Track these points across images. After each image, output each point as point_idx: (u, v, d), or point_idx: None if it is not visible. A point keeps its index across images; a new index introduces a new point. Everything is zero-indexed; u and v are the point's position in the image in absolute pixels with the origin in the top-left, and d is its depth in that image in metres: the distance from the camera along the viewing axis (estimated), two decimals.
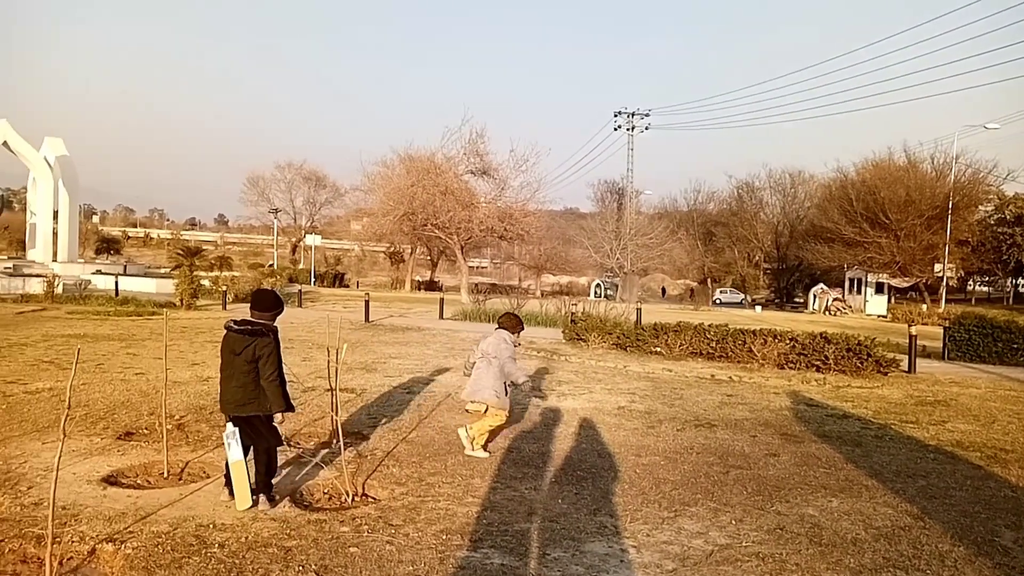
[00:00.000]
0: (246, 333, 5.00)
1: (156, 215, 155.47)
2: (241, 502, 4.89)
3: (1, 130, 34.44)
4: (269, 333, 5.09)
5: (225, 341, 5.08)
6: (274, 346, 5.08)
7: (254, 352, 4.96)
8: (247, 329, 5.02)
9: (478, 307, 23.86)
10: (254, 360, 4.97)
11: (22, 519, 4.52)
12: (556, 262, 58.70)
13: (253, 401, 5.01)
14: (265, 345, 5.00)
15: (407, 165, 42.63)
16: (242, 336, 4.99)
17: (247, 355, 4.95)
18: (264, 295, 5.39)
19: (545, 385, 10.61)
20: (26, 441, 6.43)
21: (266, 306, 5.21)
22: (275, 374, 5.02)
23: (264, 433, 5.12)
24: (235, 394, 5.00)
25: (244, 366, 4.96)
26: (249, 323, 5.08)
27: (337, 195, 71.77)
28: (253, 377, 4.98)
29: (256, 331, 5.03)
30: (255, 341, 4.99)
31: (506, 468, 6.17)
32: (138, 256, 78.60)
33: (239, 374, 4.98)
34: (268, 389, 5.00)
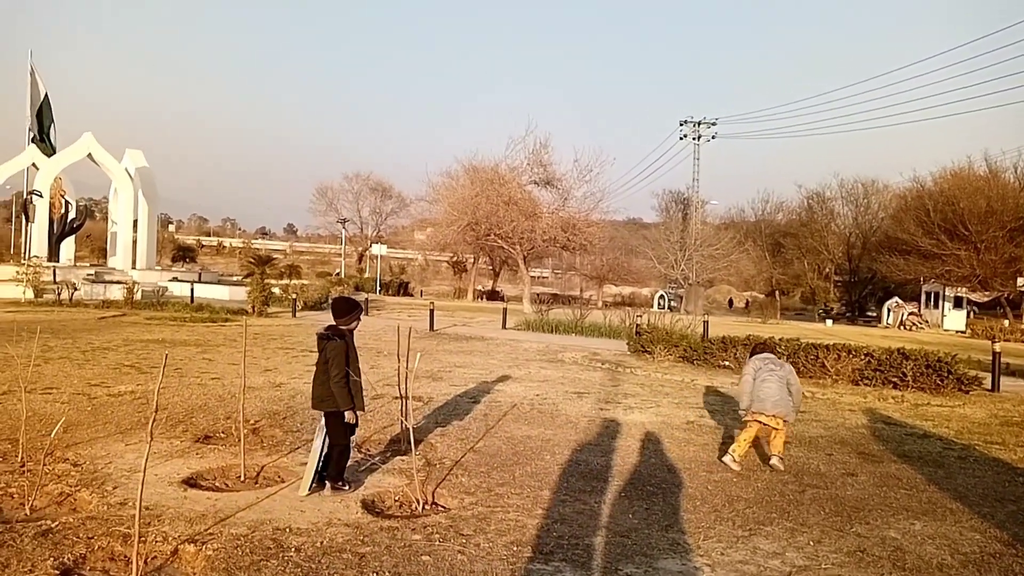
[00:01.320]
0: (323, 337, 5.58)
1: (228, 224, 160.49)
2: (302, 488, 5.42)
3: (86, 143, 36.13)
4: (337, 337, 5.55)
5: (317, 344, 5.71)
6: (342, 349, 5.50)
7: (327, 354, 5.51)
8: (324, 334, 5.58)
9: (541, 317, 23.83)
10: (326, 362, 5.49)
11: (109, 518, 4.70)
12: (618, 272, 58.30)
13: (328, 399, 5.48)
14: (333, 348, 5.49)
15: (471, 176, 43.00)
16: (321, 340, 5.60)
17: (322, 357, 5.56)
18: (338, 302, 5.90)
19: (611, 397, 10.52)
20: (110, 442, 6.69)
21: (341, 312, 5.73)
22: (340, 375, 5.43)
23: (332, 428, 5.54)
24: (315, 391, 5.60)
25: (321, 366, 5.56)
26: (329, 328, 5.61)
27: (402, 205, 73.03)
28: (327, 377, 5.48)
29: (327, 336, 5.55)
30: (327, 344, 5.54)
31: (574, 481, 6.13)
32: (211, 264, 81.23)
33: (319, 373, 5.58)
34: (334, 389, 5.44)
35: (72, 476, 5.55)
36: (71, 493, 5.16)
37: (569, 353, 16.07)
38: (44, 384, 9.23)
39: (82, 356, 12.07)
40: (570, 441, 7.61)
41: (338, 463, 5.57)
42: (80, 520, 4.62)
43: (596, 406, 9.71)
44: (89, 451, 6.31)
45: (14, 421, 7.04)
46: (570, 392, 10.79)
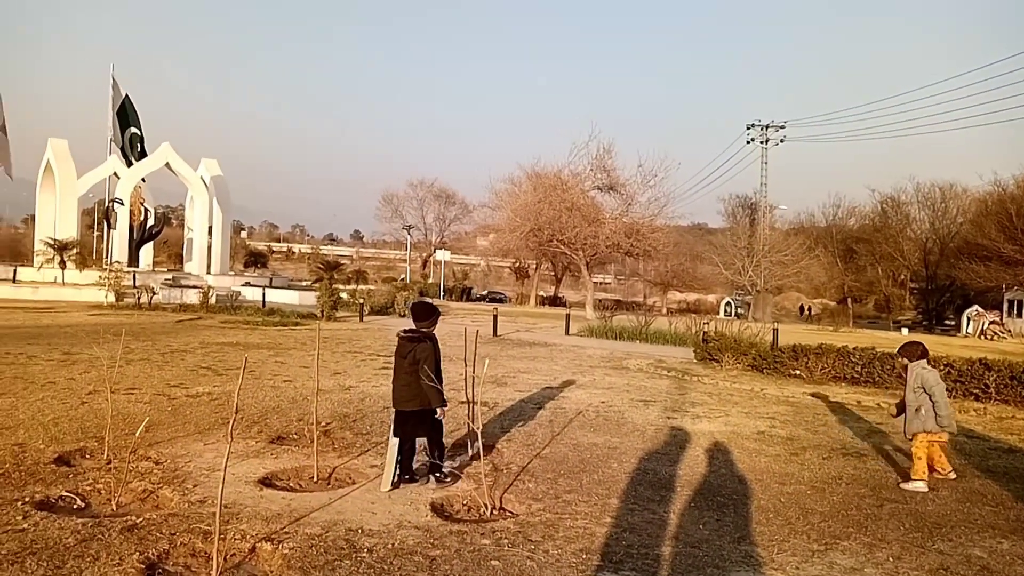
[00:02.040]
0: (409, 340, 5.88)
1: (297, 231, 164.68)
2: (384, 484, 5.69)
3: (164, 153, 37.60)
4: (427, 340, 5.89)
5: (397, 346, 5.98)
6: (431, 351, 5.84)
7: (414, 356, 5.78)
8: (410, 336, 5.90)
9: (604, 324, 23.68)
10: (415, 363, 5.75)
11: (190, 515, 4.86)
12: (683, 279, 57.55)
13: (415, 398, 5.79)
14: (423, 350, 5.80)
15: (534, 182, 43.02)
16: (407, 342, 5.88)
17: (409, 359, 5.79)
18: (419, 307, 6.20)
19: (678, 406, 10.38)
20: (190, 442, 6.92)
21: (422, 316, 6.04)
22: (434, 375, 5.75)
23: (426, 425, 5.90)
24: (401, 392, 5.83)
25: (407, 367, 5.80)
26: (413, 331, 5.94)
27: (465, 211, 73.54)
28: (415, 377, 5.75)
29: (417, 338, 5.88)
30: (415, 347, 5.83)
31: (642, 490, 6.07)
32: (281, 269, 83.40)
33: (404, 374, 5.82)
34: (427, 389, 5.74)
35: (154, 474, 5.76)
36: (154, 490, 5.37)
37: (634, 360, 15.93)
38: (127, 385, 9.62)
39: (161, 358, 12.53)
40: (637, 449, 7.53)
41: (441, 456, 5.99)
42: (163, 516, 4.80)
43: (663, 414, 9.60)
44: (170, 450, 6.54)
45: (100, 420, 7.37)
46: (636, 400, 10.69)
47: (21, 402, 8.24)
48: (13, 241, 65.71)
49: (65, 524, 4.54)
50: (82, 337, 15.03)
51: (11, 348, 12.72)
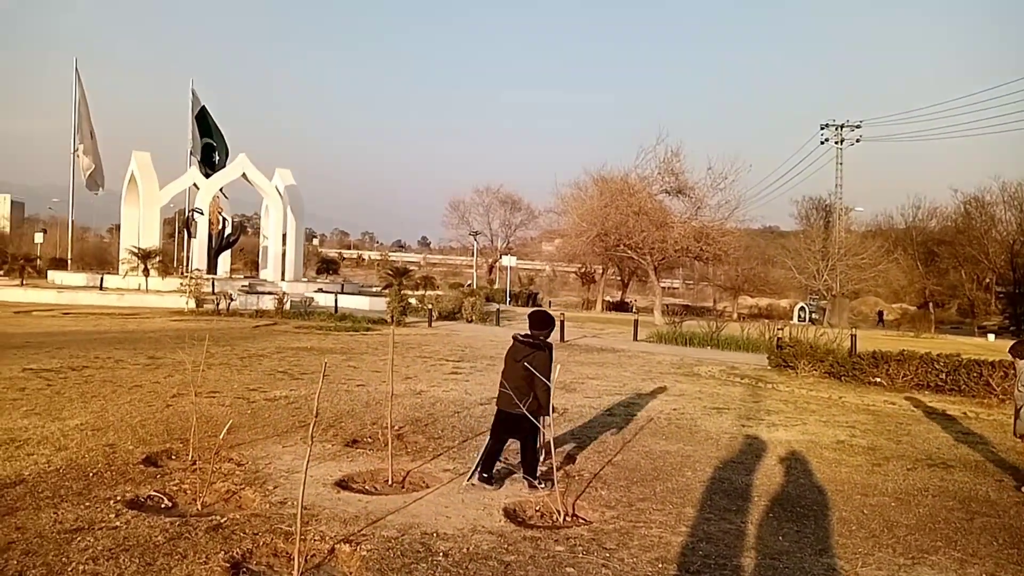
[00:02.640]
0: (528, 345, 5.95)
1: (367, 238, 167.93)
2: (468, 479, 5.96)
3: (240, 163, 38.81)
4: (546, 348, 5.97)
5: (511, 349, 6.06)
6: (547, 360, 5.90)
7: (533, 362, 5.82)
8: (529, 342, 5.96)
9: (674, 329, 23.36)
10: (529, 368, 5.77)
11: (271, 515, 4.99)
12: (755, 283, 56.31)
13: (531, 402, 5.78)
14: (541, 358, 5.87)
15: (600, 186, 42.86)
16: (524, 347, 5.94)
17: (523, 363, 5.83)
18: (539, 315, 6.24)
19: (752, 414, 10.15)
20: (269, 444, 7.12)
21: (541, 324, 6.10)
22: (546, 384, 5.80)
23: (527, 430, 5.87)
24: (510, 395, 5.83)
25: (521, 372, 5.84)
26: (532, 337, 6.01)
27: (531, 217, 73.76)
28: (527, 382, 5.79)
29: (536, 345, 5.95)
30: (533, 353, 5.89)
31: (718, 499, 5.95)
32: (352, 276, 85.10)
33: (515, 378, 5.86)
34: (540, 395, 5.79)
35: (237, 475, 5.94)
36: (236, 491, 5.53)
37: (705, 367, 15.66)
38: (208, 388, 9.95)
39: (240, 362, 12.93)
40: (711, 458, 7.39)
41: (531, 460, 5.99)
42: (246, 517, 4.94)
43: (737, 422, 9.40)
44: (250, 452, 6.74)
45: (184, 422, 7.64)
46: (709, 407, 10.50)
47: (110, 404, 8.61)
48: (100, 250, 68.92)
49: (154, 523, 4.72)
50: (165, 342, 15.64)
51: (100, 352, 13.32)
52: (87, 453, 6.38)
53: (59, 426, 7.35)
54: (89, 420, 7.70)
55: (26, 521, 4.65)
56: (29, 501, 5.04)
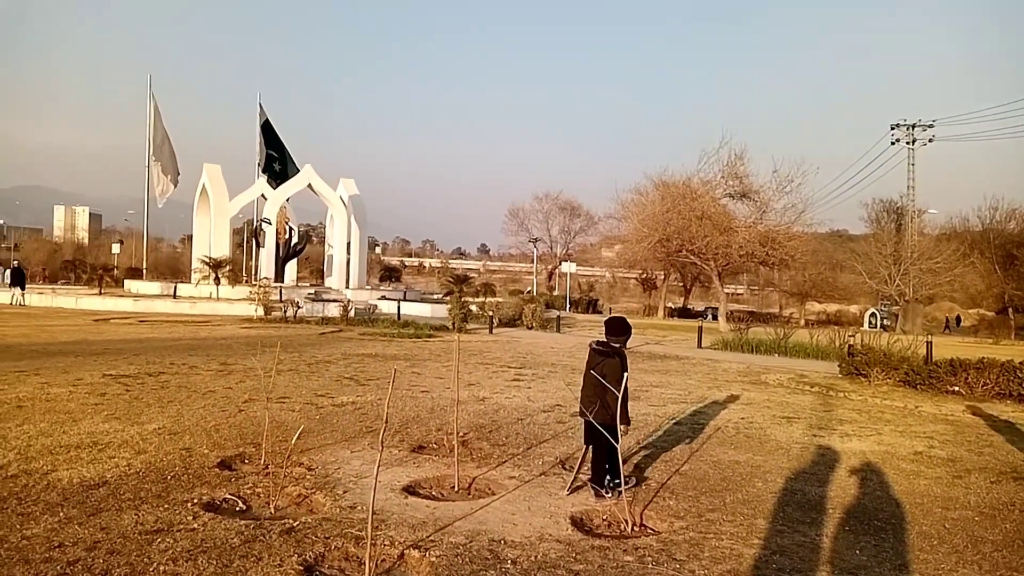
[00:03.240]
0: (600, 353, 6.02)
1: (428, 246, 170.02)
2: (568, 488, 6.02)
3: (306, 174, 39.75)
4: (617, 356, 6.00)
5: (589, 357, 6.15)
6: (619, 367, 5.91)
7: (602, 369, 5.90)
8: (601, 350, 6.04)
9: (739, 336, 22.90)
10: (602, 376, 5.86)
11: (342, 520, 5.07)
12: (822, 289, 54.82)
13: (599, 410, 5.83)
14: (610, 366, 5.93)
15: (661, 191, 42.38)
16: (597, 355, 6.03)
17: (598, 371, 5.92)
18: (615, 322, 6.28)
19: (824, 423, 9.86)
20: (337, 449, 7.23)
21: (617, 331, 6.15)
22: (620, 391, 5.77)
23: (602, 436, 5.79)
24: (586, 401, 6.01)
25: (592, 379, 5.98)
26: (605, 344, 6.08)
27: (591, 223, 73.45)
28: (600, 389, 5.87)
29: (607, 352, 6.01)
30: (604, 361, 5.97)
31: (790, 511, 5.79)
32: (413, 283, 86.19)
33: (590, 385, 6.01)
34: (609, 404, 5.81)
35: (308, 479, 6.06)
36: (308, 495, 5.63)
37: (773, 375, 15.30)
38: (278, 394, 10.18)
39: (308, 369, 13.20)
40: (782, 468, 7.21)
41: (600, 468, 5.95)
42: (317, 521, 5.02)
43: (808, 432, 9.14)
44: (320, 457, 6.86)
45: (256, 427, 7.83)
46: (778, 416, 10.24)
47: (186, 409, 8.89)
48: (173, 259, 71.48)
49: (230, 525, 4.84)
50: (236, 349, 16.09)
51: (175, 359, 13.78)
52: (165, 456, 6.60)
53: (138, 430, 7.62)
54: (166, 424, 7.96)
55: (110, 522, 4.82)
56: (112, 502, 5.23)
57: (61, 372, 11.51)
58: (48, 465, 6.16)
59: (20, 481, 5.67)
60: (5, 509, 5.00)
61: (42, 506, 5.10)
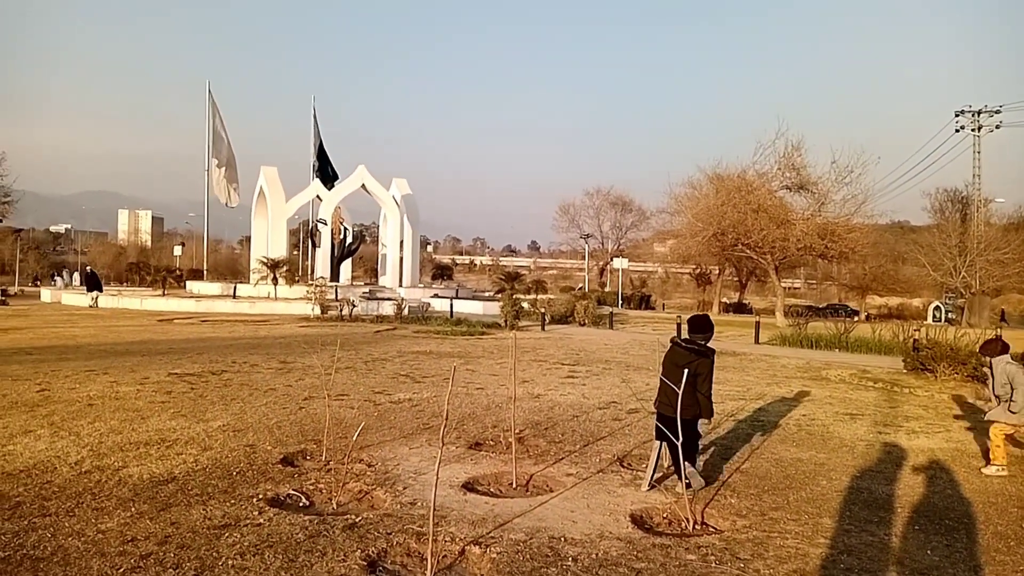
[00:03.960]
0: (691, 351, 5.96)
1: (478, 244, 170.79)
2: (644, 485, 6.00)
3: (360, 175, 40.31)
4: (710, 354, 6.01)
5: (670, 353, 6.13)
6: (710, 366, 5.99)
7: (696, 368, 5.86)
8: (693, 348, 5.98)
9: (798, 331, 22.41)
10: (694, 374, 5.82)
11: (403, 516, 5.12)
12: (883, 281, 53.29)
13: (689, 407, 5.79)
14: (705, 365, 5.95)
15: (716, 184, 41.70)
16: (688, 352, 5.97)
17: (690, 369, 5.81)
18: (701, 320, 6.21)
19: (889, 420, 9.59)
20: (396, 445, 7.31)
21: (703, 328, 6.09)
22: (710, 389, 5.99)
23: (688, 432, 5.77)
24: (672, 399, 5.74)
25: (682, 376, 5.79)
26: (694, 343, 6.02)
27: (643, 218, 72.83)
28: (690, 387, 5.77)
29: (700, 351, 5.97)
30: (698, 360, 5.92)
31: (857, 510, 5.64)
32: (465, 280, 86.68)
33: (678, 382, 5.77)
34: (702, 400, 5.91)
35: (368, 476, 6.14)
36: (368, 491, 5.71)
37: (834, 370, 14.93)
38: (337, 391, 10.34)
39: (364, 366, 13.39)
40: (847, 466, 7.03)
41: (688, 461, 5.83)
42: (378, 516, 5.09)
43: (873, 429, 8.90)
44: (379, 453, 6.95)
45: (316, 424, 7.98)
46: (841, 413, 9.99)
47: (248, 407, 9.10)
48: (232, 260, 73.37)
49: (294, 520, 4.93)
50: (295, 347, 16.41)
51: (237, 358, 14.12)
52: (230, 453, 6.76)
53: (203, 427, 7.83)
54: (230, 422, 8.16)
55: (179, 517, 4.96)
56: (181, 498, 5.38)
57: (129, 371, 11.90)
58: (119, 461, 6.37)
59: (93, 477, 5.87)
60: (81, 504, 5.19)
61: (115, 501, 5.27)
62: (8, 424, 7.76)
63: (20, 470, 6.03)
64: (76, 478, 5.83)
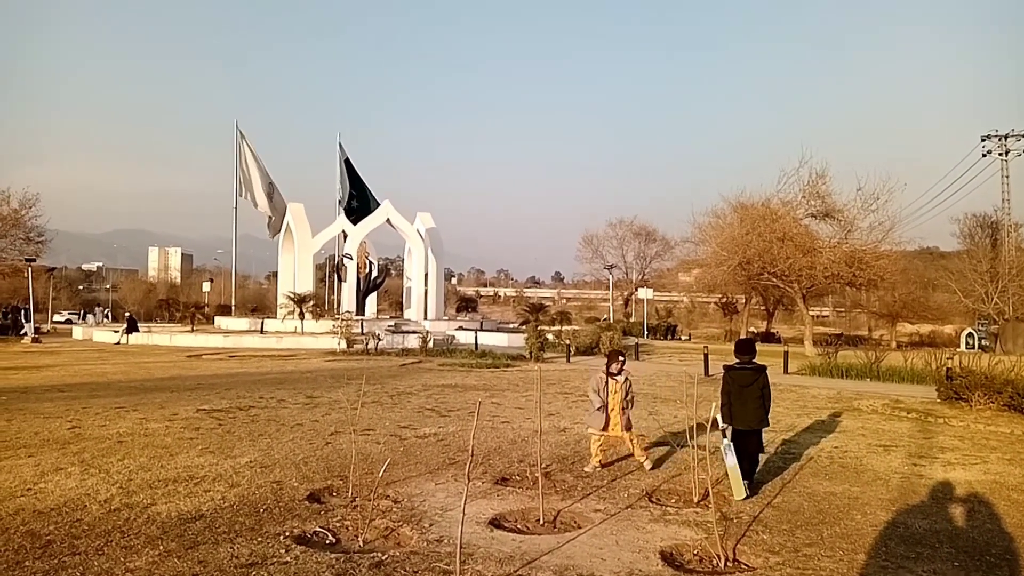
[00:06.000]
0: (751, 371, 7.22)
1: (502, 275, 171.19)
2: (737, 494, 6.68)
3: (385, 209, 40.70)
4: (765, 370, 7.28)
5: (730, 377, 7.27)
6: (767, 379, 7.27)
7: (763, 383, 7.18)
8: (752, 368, 7.23)
9: (827, 360, 22.07)
10: (761, 389, 7.13)
11: (429, 554, 5.07)
12: (914, 309, 52.36)
13: (763, 419, 7.17)
14: (765, 379, 7.23)
15: (740, 213, 41.43)
16: (750, 373, 7.21)
17: (757, 385, 7.14)
18: (747, 343, 7.56)
19: (924, 451, 9.37)
20: (422, 481, 7.28)
21: (750, 350, 7.43)
22: (770, 399, 7.25)
23: (758, 440, 7.25)
24: (752, 415, 7.10)
25: (755, 393, 7.12)
26: (747, 364, 7.26)
27: (667, 248, 72.46)
28: (760, 402, 7.11)
29: (758, 368, 7.24)
30: (760, 376, 7.20)
31: (893, 545, 5.50)
32: (489, 312, 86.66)
33: (752, 400, 7.10)
34: (768, 409, 7.19)
35: (394, 512, 6.11)
36: (395, 528, 5.68)
37: (865, 400, 14.66)
38: (363, 426, 10.35)
39: (390, 400, 13.39)
40: (882, 500, 6.87)
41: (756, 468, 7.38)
42: (405, 554, 5.05)
43: (907, 461, 8.70)
44: (405, 489, 6.92)
45: (342, 459, 7.97)
46: (874, 444, 9.79)
47: (275, 442, 9.13)
48: (259, 296, 74.03)
49: (321, 559, 4.91)
50: (321, 381, 16.47)
51: (264, 393, 14.20)
52: (257, 489, 6.77)
53: (231, 463, 7.86)
54: (257, 458, 8.18)
55: (207, 555, 4.96)
56: (208, 535, 5.39)
57: (158, 407, 12.01)
58: (148, 499, 6.40)
59: (123, 515, 5.91)
60: (110, 542, 5.21)
61: (143, 539, 5.29)
62: (40, 462, 7.86)
63: (51, 508, 6.08)
64: (106, 516, 5.86)
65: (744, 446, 7.05)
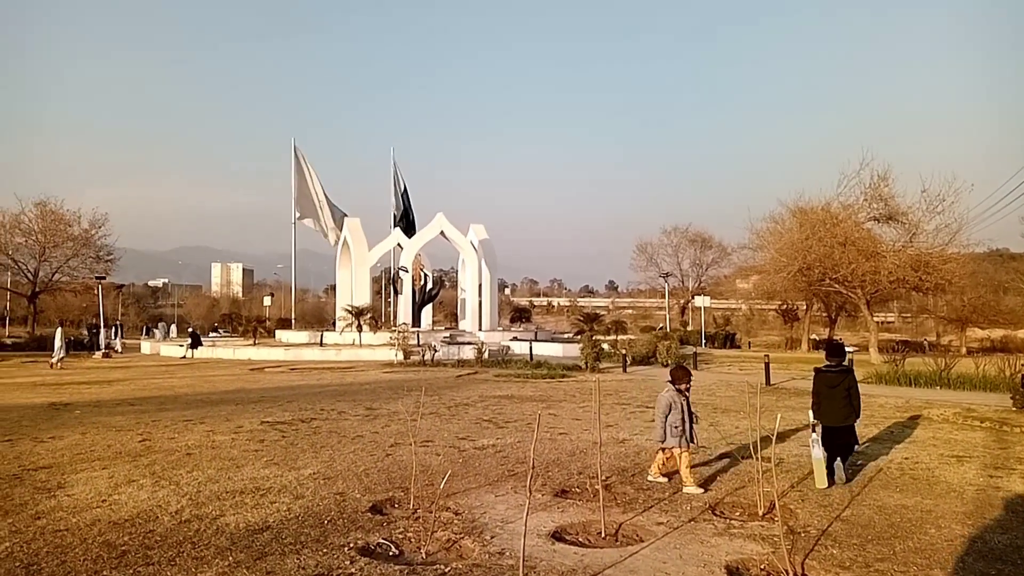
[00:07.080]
0: (840, 373, 8.04)
1: (555, 285, 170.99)
2: (820, 483, 7.48)
3: (439, 222, 41.12)
4: (852, 370, 8.11)
5: (821, 379, 8.16)
6: (855, 379, 8.07)
7: (849, 383, 7.97)
8: (838, 370, 8.06)
9: (894, 368, 21.40)
10: (848, 388, 7.95)
11: (491, 566, 5.08)
12: (984, 313, 50.44)
13: (850, 416, 7.94)
14: (852, 379, 8.03)
15: (799, 218, 40.58)
16: (837, 375, 8.04)
17: (843, 385, 7.97)
18: (835, 345, 8.52)
19: (1000, 462, 9.00)
20: (482, 493, 7.30)
21: (839, 352, 8.32)
22: (859, 397, 8.06)
23: (852, 434, 8.09)
24: (839, 412, 7.93)
25: (842, 392, 7.95)
26: (834, 366, 8.12)
27: (723, 255, 71.33)
28: (848, 400, 7.92)
29: (846, 370, 8.06)
30: (847, 377, 8.01)
31: (971, 561, 5.29)
32: (543, 323, 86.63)
33: (839, 399, 7.95)
34: (856, 407, 7.97)
35: (455, 524, 6.14)
36: (456, 540, 5.70)
37: (935, 409, 14.16)
38: (422, 438, 10.44)
39: (448, 411, 13.48)
40: (957, 513, 6.62)
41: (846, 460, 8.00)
42: (467, 567, 5.06)
43: (982, 472, 8.37)
44: (465, 500, 6.94)
45: (402, 471, 8.05)
46: (946, 455, 9.45)
47: (337, 454, 9.27)
48: (318, 309, 75.46)
49: (385, 570, 4.96)
50: (380, 393, 16.68)
51: (325, 405, 14.45)
52: (321, 501, 6.89)
53: (295, 475, 8.02)
54: (320, 469, 8.33)
55: (275, 566, 5.07)
56: (275, 547, 5.50)
57: (224, 420, 12.32)
58: (217, 510, 6.57)
59: (193, 526, 6.07)
60: (181, 553, 5.36)
61: (213, 550, 5.43)
62: (114, 474, 8.14)
63: (125, 519, 6.29)
64: (177, 527, 6.03)
65: (833, 441, 7.80)
